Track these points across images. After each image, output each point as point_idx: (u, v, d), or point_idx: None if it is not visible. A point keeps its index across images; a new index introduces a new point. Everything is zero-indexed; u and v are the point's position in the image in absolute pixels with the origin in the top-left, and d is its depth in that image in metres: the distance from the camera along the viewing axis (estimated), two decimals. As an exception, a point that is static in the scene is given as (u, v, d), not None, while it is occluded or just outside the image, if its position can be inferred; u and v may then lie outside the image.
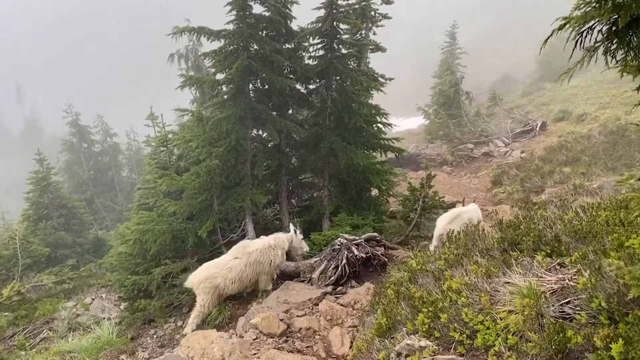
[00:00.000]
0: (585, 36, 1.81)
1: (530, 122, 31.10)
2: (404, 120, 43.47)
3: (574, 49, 1.90)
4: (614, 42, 1.75)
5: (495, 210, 10.02)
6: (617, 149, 20.68)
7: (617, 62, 1.94)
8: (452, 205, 20.19)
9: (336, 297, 9.26)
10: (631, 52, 1.82)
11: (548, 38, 1.98)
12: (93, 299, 15.40)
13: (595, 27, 1.77)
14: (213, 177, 11.38)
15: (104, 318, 12.77)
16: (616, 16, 1.55)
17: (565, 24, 1.83)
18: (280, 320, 8.02)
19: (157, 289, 11.21)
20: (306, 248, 10.71)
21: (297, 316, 8.38)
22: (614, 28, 1.64)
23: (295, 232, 10.41)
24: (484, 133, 31.33)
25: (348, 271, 9.87)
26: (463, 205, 12.94)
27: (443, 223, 10.43)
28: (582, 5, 1.67)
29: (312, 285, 9.96)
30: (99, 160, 36.78)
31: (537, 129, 29.93)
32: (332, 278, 9.82)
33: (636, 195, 2.24)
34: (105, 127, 36.68)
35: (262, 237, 10.31)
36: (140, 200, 14.57)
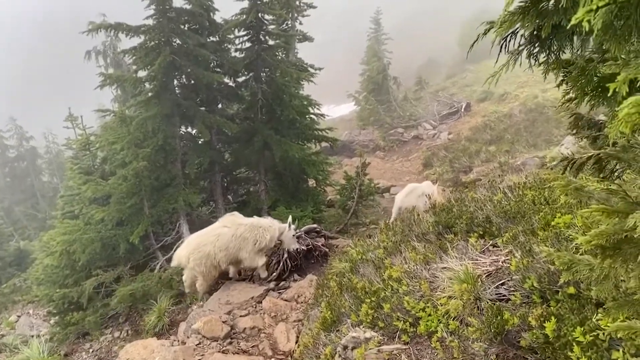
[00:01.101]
0: (509, 40, 1.84)
1: (455, 103, 32.25)
2: (335, 107, 43.75)
3: (499, 54, 1.93)
4: (536, 45, 1.81)
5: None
6: (537, 126, 21.95)
7: (540, 64, 2.00)
8: (387, 189, 20.70)
9: (279, 293, 9.17)
10: (552, 55, 1.88)
11: (474, 43, 1.99)
12: (19, 317, 14.47)
13: (518, 32, 1.80)
14: (142, 180, 10.92)
15: (33, 336, 12.00)
16: (538, 22, 1.58)
17: (489, 29, 1.84)
18: (223, 322, 7.83)
19: (89, 301, 10.68)
20: (295, 246, 9.87)
21: (241, 316, 8.22)
22: (535, 32, 1.68)
23: (290, 225, 9.65)
24: (412, 117, 32.16)
25: (290, 265, 9.79)
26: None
27: (401, 197, 11.40)
28: (507, 16, 1.69)
29: (254, 282, 9.81)
30: (15, 166, 34.35)
31: (462, 110, 31.10)
32: (274, 274, 9.71)
33: (560, 183, 2.30)
34: (19, 131, 34.22)
35: (255, 217, 9.76)
36: (65, 208, 13.73)
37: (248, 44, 13.54)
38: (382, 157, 28.41)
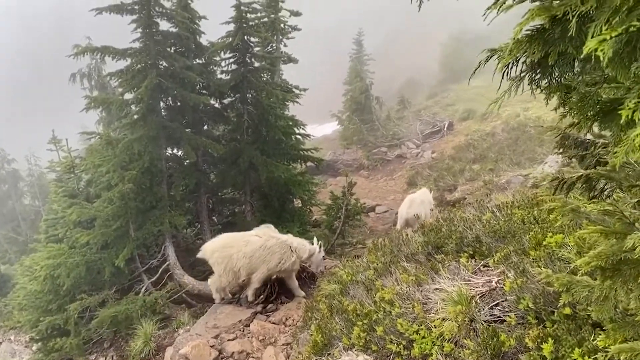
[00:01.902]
0: (511, 67, 1.89)
1: (438, 122, 32.61)
2: (319, 126, 43.90)
3: (502, 80, 1.98)
4: (538, 72, 1.86)
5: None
6: (520, 144, 22.20)
7: (541, 90, 2.05)
8: (372, 208, 20.72)
9: (267, 316, 9.08)
10: (554, 81, 1.94)
11: (476, 69, 2.04)
12: (0, 343, 14.05)
13: (519, 59, 1.85)
14: (127, 202, 10.81)
15: (15, 363, 11.70)
16: (544, 50, 1.64)
17: (491, 57, 1.89)
18: (211, 346, 7.73)
19: (74, 325, 10.43)
20: (322, 267, 9.90)
21: (229, 340, 8.12)
22: (536, 59, 1.74)
23: (320, 247, 9.61)
24: (395, 136, 32.41)
25: (277, 287, 9.73)
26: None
27: (405, 209, 11.99)
28: (515, 45, 1.74)
29: (241, 305, 9.70)
30: (-4, 189, 33.70)
31: (445, 129, 31.46)
32: (262, 296, 9.62)
33: (557, 204, 2.33)
34: (1, 153, 33.64)
35: (290, 234, 9.71)
36: (48, 232, 13.45)
37: (234, 66, 13.63)
38: (366, 177, 28.51)
